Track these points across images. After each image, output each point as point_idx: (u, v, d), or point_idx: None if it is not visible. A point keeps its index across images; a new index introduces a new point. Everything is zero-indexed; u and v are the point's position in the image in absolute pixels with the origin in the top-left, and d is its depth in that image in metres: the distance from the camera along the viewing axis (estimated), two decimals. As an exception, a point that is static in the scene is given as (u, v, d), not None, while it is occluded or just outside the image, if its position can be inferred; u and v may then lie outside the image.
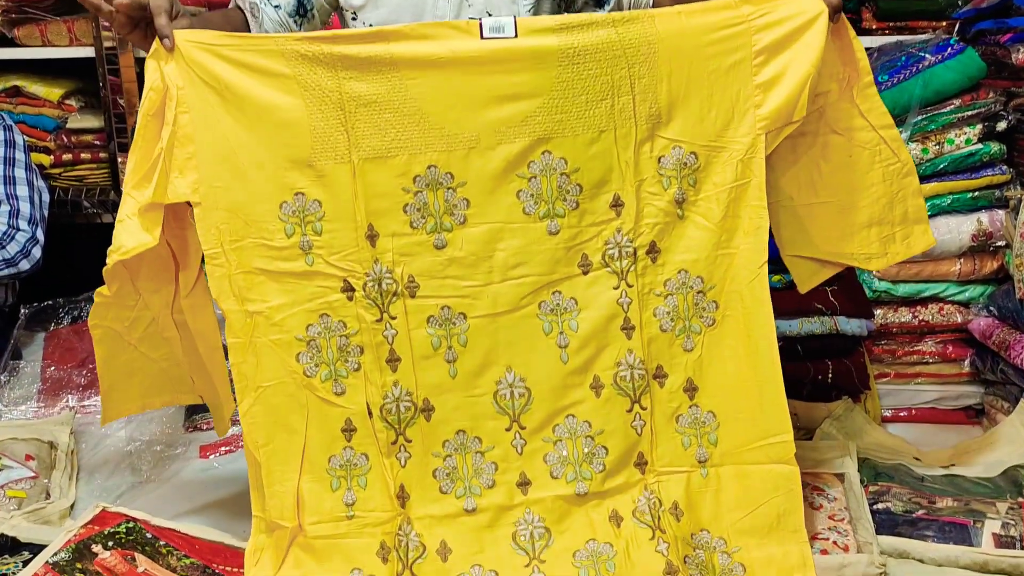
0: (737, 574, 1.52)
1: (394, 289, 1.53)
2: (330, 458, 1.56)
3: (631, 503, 1.54)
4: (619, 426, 1.56)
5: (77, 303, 2.53)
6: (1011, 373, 2.08)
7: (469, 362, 1.54)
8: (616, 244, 1.54)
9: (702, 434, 1.57)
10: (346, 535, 1.55)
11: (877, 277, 2.22)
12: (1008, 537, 1.60)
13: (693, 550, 1.52)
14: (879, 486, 1.78)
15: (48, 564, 1.52)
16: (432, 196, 1.51)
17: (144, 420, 2.21)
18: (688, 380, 1.57)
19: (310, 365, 1.55)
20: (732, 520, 1.55)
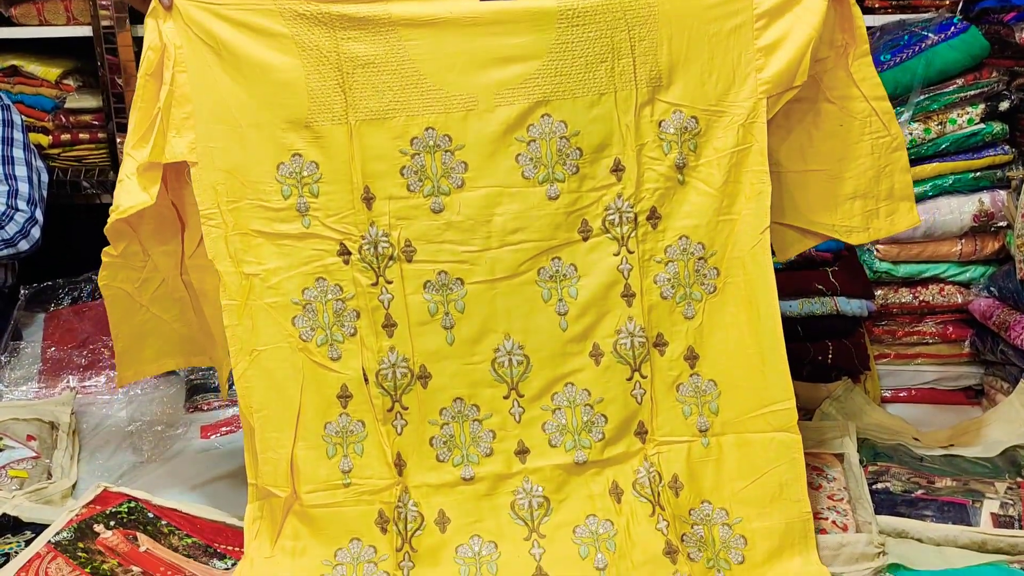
0: (738, 546, 1.52)
1: (390, 253, 1.52)
2: (326, 425, 1.54)
3: (631, 474, 1.54)
4: (619, 394, 1.55)
5: (77, 284, 2.53)
6: (1011, 354, 2.08)
7: (467, 329, 1.53)
8: (617, 210, 1.53)
9: (703, 403, 1.56)
10: (343, 503, 1.53)
11: (878, 258, 2.21)
12: (1007, 517, 1.61)
13: (691, 527, 1.52)
14: (878, 466, 1.78)
15: (50, 544, 1.53)
16: (430, 159, 1.50)
17: (145, 400, 2.22)
18: (689, 348, 1.56)
19: (306, 329, 1.54)
20: (734, 490, 1.54)
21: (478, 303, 1.53)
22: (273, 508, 1.55)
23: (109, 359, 2.33)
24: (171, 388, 2.28)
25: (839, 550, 1.53)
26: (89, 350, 2.34)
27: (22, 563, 1.47)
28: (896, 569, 1.50)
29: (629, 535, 1.50)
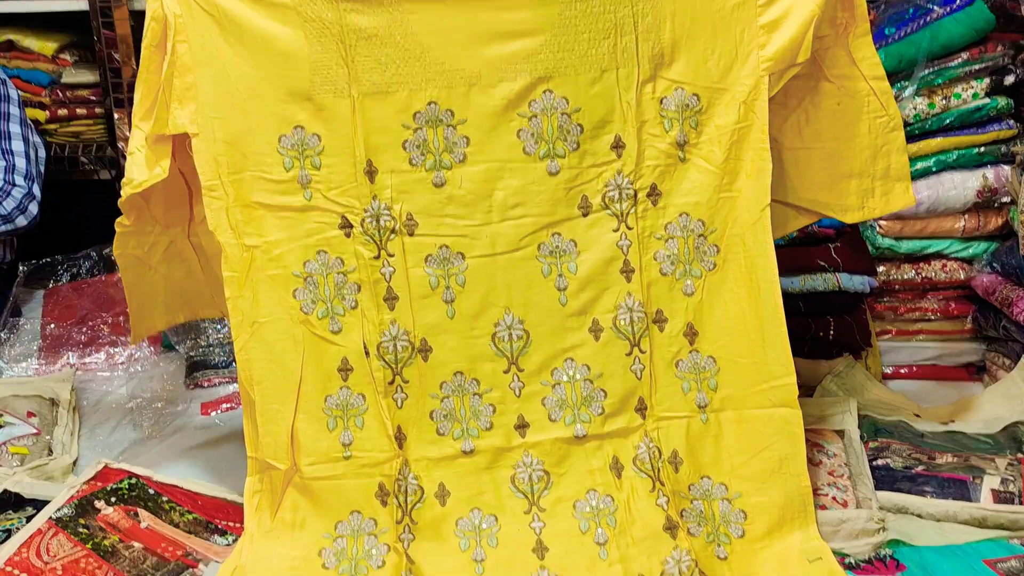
0: (738, 521, 1.52)
1: (392, 226, 1.52)
2: (326, 398, 1.54)
3: (632, 449, 1.54)
4: (618, 370, 1.55)
5: (76, 260, 2.53)
6: (1013, 330, 2.08)
7: (467, 303, 1.53)
8: (617, 186, 1.53)
9: (702, 379, 1.56)
10: (343, 476, 1.54)
11: (880, 234, 2.20)
12: (1007, 493, 1.61)
13: (690, 502, 1.52)
14: (879, 442, 1.78)
15: (51, 520, 1.53)
16: (432, 133, 1.50)
17: (145, 377, 2.22)
18: (688, 325, 1.56)
19: (307, 302, 1.54)
20: (733, 465, 1.55)
21: (479, 277, 1.53)
22: (273, 481, 1.55)
23: (108, 335, 2.33)
24: (171, 365, 2.28)
25: (839, 526, 1.53)
26: (88, 327, 2.34)
27: (23, 539, 1.47)
28: (896, 544, 1.51)
29: (629, 510, 1.51)
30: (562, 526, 1.50)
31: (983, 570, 1.43)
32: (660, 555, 1.45)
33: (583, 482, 1.53)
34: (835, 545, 1.50)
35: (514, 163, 1.51)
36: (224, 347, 2.27)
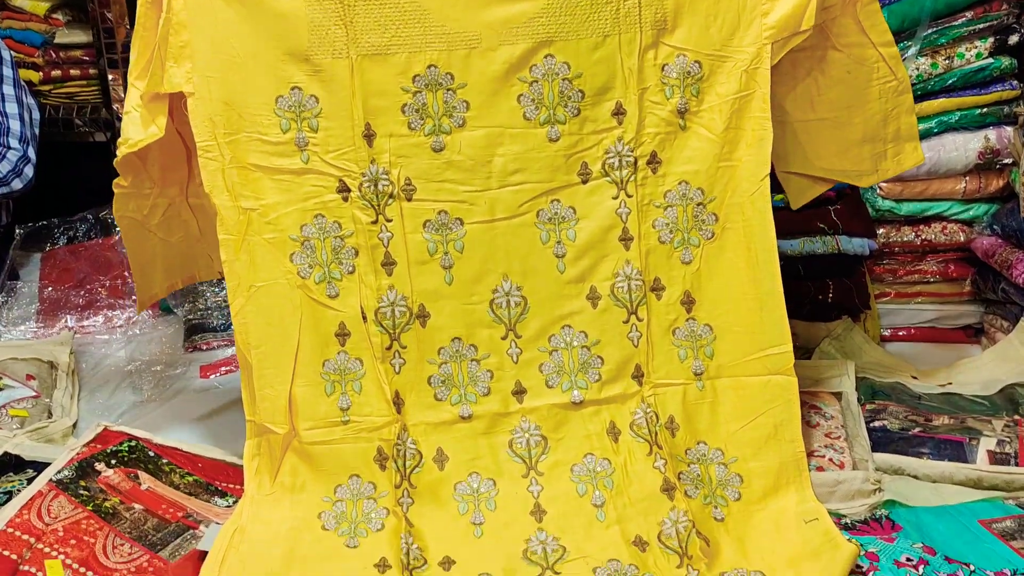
0: (734, 484, 1.53)
1: (390, 191, 1.51)
2: (324, 362, 1.54)
3: (628, 415, 1.55)
4: (615, 337, 1.55)
5: (72, 223, 2.52)
6: (1012, 292, 2.07)
7: (465, 269, 1.52)
8: (617, 153, 1.52)
9: (698, 347, 1.57)
10: (342, 440, 1.54)
11: (881, 196, 2.19)
12: (1003, 454, 1.62)
13: (687, 466, 1.53)
14: (876, 404, 1.79)
15: (52, 482, 1.54)
16: (431, 97, 1.49)
17: (143, 340, 2.22)
18: (686, 293, 1.56)
19: (304, 266, 1.53)
20: (729, 431, 1.55)
21: (477, 243, 1.52)
22: (271, 445, 1.56)
23: (107, 299, 2.32)
24: (169, 328, 2.28)
25: (835, 487, 1.54)
26: (86, 290, 2.34)
27: (24, 501, 1.48)
28: (892, 505, 1.52)
29: (627, 473, 1.51)
30: (560, 489, 1.51)
31: (978, 530, 1.44)
32: (658, 516, 1.46)
33: (580, 447, 1.54)
34: (831, 506, 1.51)
35: (514, 128, 1.50)
36: (223, 310, 2.27)
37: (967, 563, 1.35)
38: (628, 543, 1.44)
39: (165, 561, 1.44)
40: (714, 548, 1.44)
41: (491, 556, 1.43)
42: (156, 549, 1.46)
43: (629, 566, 1.41)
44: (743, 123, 1.52)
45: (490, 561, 1.42)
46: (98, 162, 2.25)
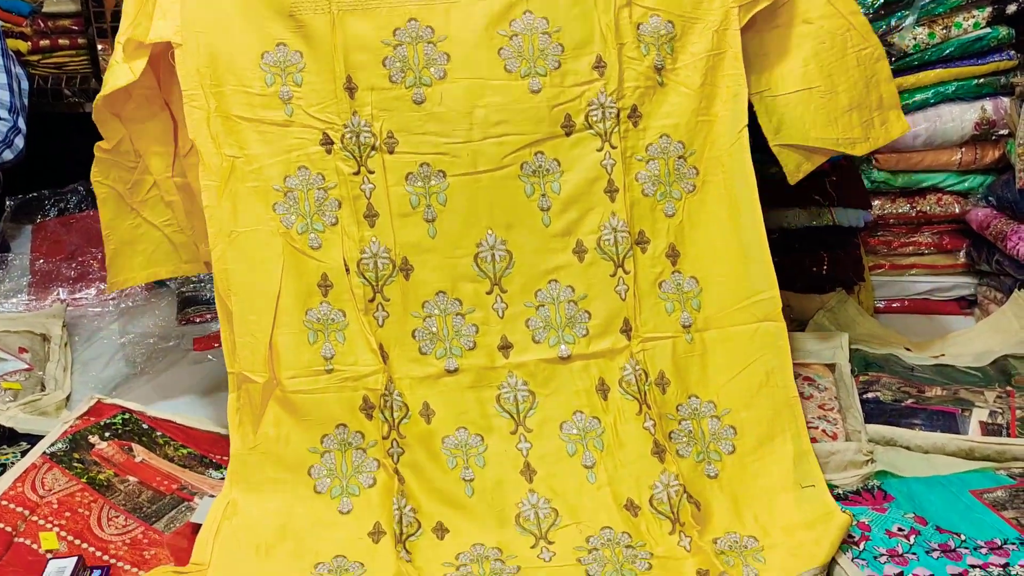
0: (728, 437, 1.53)
1: (372, 143, 1.52)
2: (307, 311, 1.54)
3: (617, 371, 1.54)
4: (603, 291, 1.55)
5: (63, 195, 2.50)
6: (1006, 264, 2.07)
7: (449, 222, 1.53)
8: (600, 105, 1.53)
9: (685, 300, 1.57)
10: (325, 389, 1.53)
11: (876, 167, 2.18)
12: (995, 425, 1.62)
13: (679, 423, 1.53)
14: (869, 376, 1.80)
15: (46, 455, 1.54)
16: (412, 50, 1.50)
17: (137, 313, 2.21)
18: (670, 246, 1.57)
19: (287, 216, 1.54)
20: (720, 383, 1.56)
21: (460, 196, 1.52)
22: (252, 395, 1.54)
23: (99, 271, 2.31)
24: (162, 301, 2.27)
25: (828, 458, 1.55)
26: (78, 262, 2.33)
27: (18, 474, 1.48)
28: (884, 476, 1.52)
29: (616, 434, 1.51)
30: (549, 447, 1.51)
31: (969, 500, 1.44)
32: (649, 479, 1.46)
33: (569, 403, 1.53)
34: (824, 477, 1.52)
35: (495, 80, 1.50)
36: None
37: (958, 533, 1.36)
38: (620, 507, 1.45)
39: (160, 533, 1.44)
40: (706, 512, 1.44)
41: (483, 521, 1.43)
42: (151, 521, 1.46)
43: (622, 534, 1.41)
44: (717, 80, 1.55)
45: (482, 528, 1.42)
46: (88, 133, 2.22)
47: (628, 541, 1.41)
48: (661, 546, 1.39)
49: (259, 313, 1.52)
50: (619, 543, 1.40)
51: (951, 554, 1.32)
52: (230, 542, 1.41)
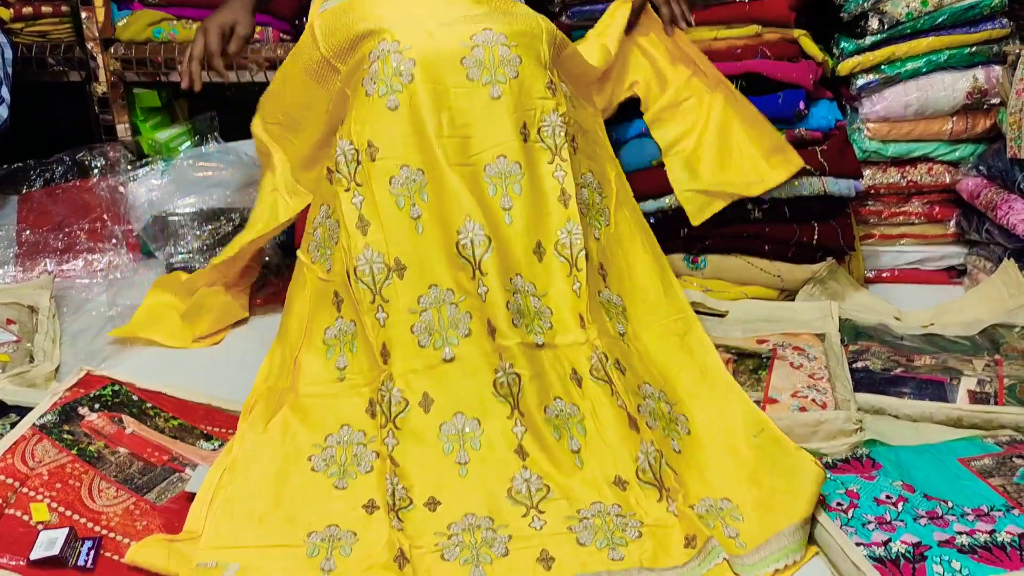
0: (682, 422, 1.59)
1: (356, 157, 1.58)
2: (326, 330, 1.63)
3: (585, 361, 1.58)
4: (561, 289, 1.61)
5: (48, 165, 2.46)
6: (996, 233, 2.08)
7: (433, 214, 1.57)
8: (551, 124, 1.64)
9: (615, 314, 1.68)
10: (337, 395, 1.59)
11: (868, 136, 2.18)
12: (983, 393, 1.64)
13: (643, 399, 1.57)
14: (859, 345, 1.80)
15: (35, 426, 1.53)
16: (382, 64, 1.57)
17: (125, 284, 2.20)
18: (600, 264, 1.69)
19: (315, 253, 1.69)
20: (664, 375, 1.66)
21: (440, 189, 1.57)
22: (269, 397, 1.63)
23: (86, 242, 2.29)
24: (151, 272, 2.26)
25: (817, 427, 1.56)
26: (65, 233, 2.30)
27: (7, 446, 1.47)
28: (873, 444, 1.53)
29: (596, 417, 1.54)
30: (537, 430, 1.53)
31: (957, 468, 1.46)
32: (632, 452, 1.49)
33: (549, 389, 1.56)
34: (813, 445, 1.53)
35: (459, 88, 1.58)
36: (204, 254, 2.25)
37: (945, 500, 1.38)
38: (609, 484, 1.46)
39: (152, 504, 1.44)
40: (681, 479, 1.47)
41: (475, 495, 1.44)
42: (142, 492, 1.46)
43: (612, 506, 1.43)
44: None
45: (474, 500, 1.44)
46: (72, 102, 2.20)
47: (618, 511, 1.42)
48: (651, 515, 1.41)
49: (295, 334, 1.67)
50: (609, 513, 1.42)
51: (938, 521, 1.33)
52: (224, 511, 1.42)
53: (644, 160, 2.04)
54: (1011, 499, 1.37)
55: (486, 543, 1.37)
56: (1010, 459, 1.47)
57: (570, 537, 1.38)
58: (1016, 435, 1.55)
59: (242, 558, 1.32)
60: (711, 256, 2.07)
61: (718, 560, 1.29)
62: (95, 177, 2.42)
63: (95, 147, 2.48)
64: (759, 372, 1.71)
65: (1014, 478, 1.42)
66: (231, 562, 1.30)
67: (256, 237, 1.89)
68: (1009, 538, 1.29)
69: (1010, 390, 1.64)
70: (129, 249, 2.28)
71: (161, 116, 2.67)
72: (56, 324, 2.02)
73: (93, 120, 2.56)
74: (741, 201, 2.00)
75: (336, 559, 1.35)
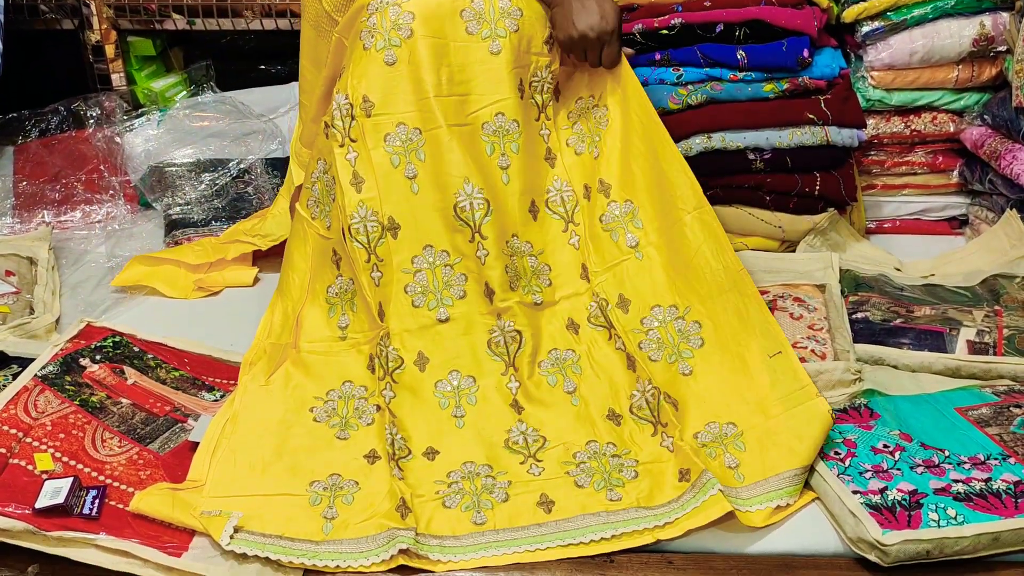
0: (695, 332, 1.56)
1: (351, 112, 1.56)
2: (327, 288, 1.63)
3: (584, 310, 1.60)
4: (558, 246, 1.64)
5: (44, 115, 2.44)
6: (999, 183, 2.06)
7: (429, 176, 1.56)
8: (541, 80, 1.64)
9: (625, 222, 1.64)
10: (339, 353, 1.61)
11: (872, 85, 2.15)
12: (982, 344, 1.64)
13: (646, 334, 1.58)
14: (859, 296, 1.80)
15: (37, 377, 1.54)
16: (380, 16, 1.55)
17: (123, 236, 2.19)
18: (600, 181, 1.66)
19: (313, 207, 1.68)
20: (675, 287, 1.60)
21: (436, 149, 1.56)
22: (272, 352, 1.64)
23: (83, 193, 2.28)
24: (149, 223, 2.25)
25: (816, 377, 1.56)
26: (62, 184, 2.29)
27: (10, 396, 1.48)
28: (871, 394, 1.54)
29: (592, 358, 1.57)
30: (533, 384, 1.55)
31: (954, 417, 1.47)
32: (627, 390, 1.51)
33: (546, 344, 1.58)
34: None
35: (457, 41, 1.57)
36: (202, 205, 2.24)
37: (942, 449, 1.39)
38: (603, 418, 1.49)
39: (155, 454, 1.45)
40: (683, 410, 1.48)
41: (473, 445, 1.46)
42: (145, 442, 1.47)
43: (607, 444, 1.45)
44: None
45: (472, 449, 1.46)
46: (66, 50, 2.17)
47: (614, 451, 1.44)
48: (645, 451, 1.44)
49: (297, 290, 1.67)
50: (605, 454, 1.44)
51: (935, 469, 1.34)
52: (227, 460, 1.43)
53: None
54: (1007, 448, 1.38)
55: (486, 489, 1.38)
56: (1008, 408, 1.48)
57: (568, 480, 1.40)
58: (1014, 385, 1.55)
59: (245, 506, 1.34)
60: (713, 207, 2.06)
61: (712, 492, 1.30)
62: (91, 127, 2.39)
63: (90, 97, 2.45)
64: (759, 323, 1.72)
65: (1011, 427, 1.43)
66: (234, 510, 1.32)
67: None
68: (1004, 486, 1.30)
69: (1009, 340, 1.64)
70: (127, 200, 2.27)
71: (156, 65, 2.64)
72: (55, 276, 2.01)
73: (88, 69, 2.53)
74: (743, 151, 1.98)
75: (338, 507, 1.36)
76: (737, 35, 1.98)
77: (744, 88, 1.99)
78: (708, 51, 2.00)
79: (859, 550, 1.24)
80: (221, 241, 2.07)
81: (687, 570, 1.25)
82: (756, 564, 1.26)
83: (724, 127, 1.98)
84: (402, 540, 1.27)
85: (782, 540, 1.30)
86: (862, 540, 1.24)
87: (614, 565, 1.26)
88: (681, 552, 1.29)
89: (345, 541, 1.30)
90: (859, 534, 1.24)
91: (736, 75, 1.99)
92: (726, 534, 1.30)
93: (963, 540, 1.22)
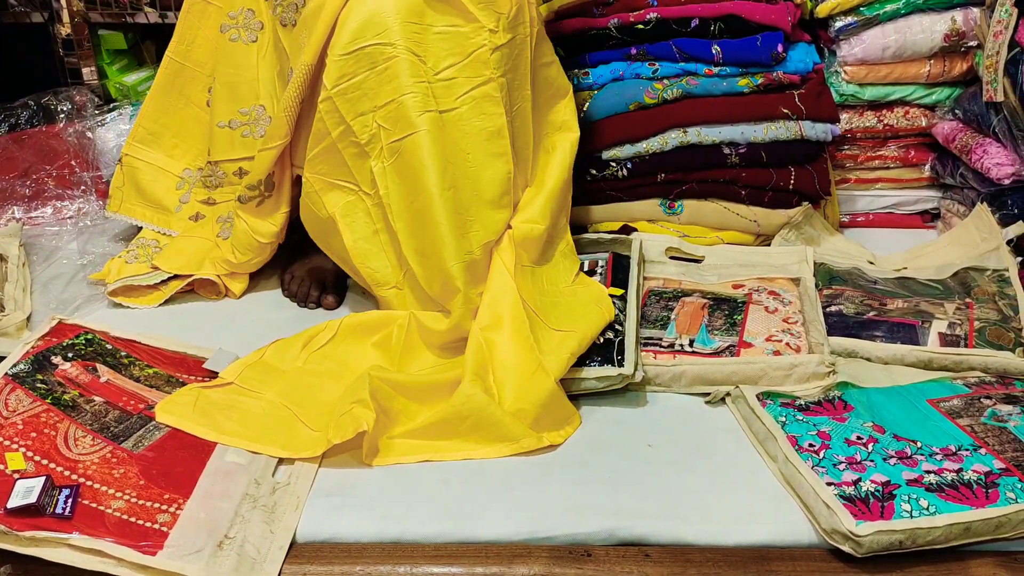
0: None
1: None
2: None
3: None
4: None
5: (13, 110, 2.40)
6: (970, 177, 2.09)
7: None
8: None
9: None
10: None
11: (845, 80, 2.17)
12: (953, 336, 1.66)
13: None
14: (833, 289, 1.82)
15: (8, 376, 1.52)
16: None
17: (96, 232, 2.16)
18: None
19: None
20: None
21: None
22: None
23: (54, 189, 2.25)
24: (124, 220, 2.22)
25: (791, 370, 1.58)
26: (33, 180, 2.26)
27: (-20, 395, 1.46)
28: (844, 387, 1.55)
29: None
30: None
31: (927, 409, 1.48)
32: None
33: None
34: (786, 388, 1.55)
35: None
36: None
37: (914, 440, 1.40)
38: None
39: (129, 452, 1.44)
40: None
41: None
42: (119, 440, 1.45)
43: None
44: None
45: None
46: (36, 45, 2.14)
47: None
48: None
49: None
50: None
51: (907, 460, 1.36)
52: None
53: (622, 104, 2.02)
54: (978, 439, 1.40)
55: None
56: (978, 400, 1.50)
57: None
58: (984, 376, 1.57)
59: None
60: (688, 201, 2.06)
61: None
62: (62, 122, 2.36)
63: (61, 91, 2.42)
64: (734, 317, 1.73)
65: (981, 418, 1.45)
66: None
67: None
68: (975, 476, 1.32)
69: (980, 333, 1.66)
70: (99, 196, 2.25)
71: (128, 59, 2.61)
72: (26, 273, 1.99)
73: (58, 63, 2.50)
74: (718, 146, 1.99)
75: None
76: (712, 30, 1.99)
77: (719, 83, 2.00)
78: (683, 46, 2.01)
79: (833, 541, 1.26)
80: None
81: (663, 563, 1.25)
82: (732, 556, 1.27)
83: (700, 122, 1.99)
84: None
85: (758, 532, 1.31)
86: (836, 531, 1.25)
87: (591, 559, 1.26)
88: (658, 544, 1.29)
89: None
90: (833, 525, 1.25)
91: (711, 70, 2.00)
92: (703, 526, 1.31)
93: (935, 530, 1.23)
